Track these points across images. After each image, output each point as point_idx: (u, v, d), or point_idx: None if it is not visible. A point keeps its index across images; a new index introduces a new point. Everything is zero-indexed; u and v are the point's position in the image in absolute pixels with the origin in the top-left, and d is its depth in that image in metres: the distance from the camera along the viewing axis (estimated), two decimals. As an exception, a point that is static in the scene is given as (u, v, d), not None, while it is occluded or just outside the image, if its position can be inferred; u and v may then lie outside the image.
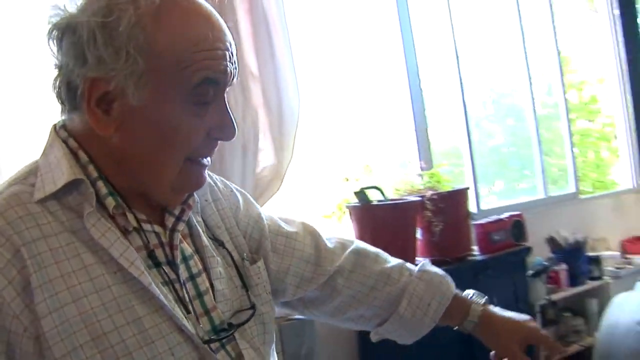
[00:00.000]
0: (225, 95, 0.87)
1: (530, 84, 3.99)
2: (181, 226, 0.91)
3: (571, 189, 4.09)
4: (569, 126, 4.21)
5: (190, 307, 0.87)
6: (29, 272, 0.75)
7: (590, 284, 3.53)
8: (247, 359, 0.91)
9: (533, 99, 3.99)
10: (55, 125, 0.88)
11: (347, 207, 2.70)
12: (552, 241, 3.59)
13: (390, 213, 2.68)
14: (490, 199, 4.00)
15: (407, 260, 2.70)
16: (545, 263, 3.31)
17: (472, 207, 3.16)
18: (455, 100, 3.62)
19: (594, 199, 4.18)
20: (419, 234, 2.80)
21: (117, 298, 0.79)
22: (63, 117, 0.88)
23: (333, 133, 3.24)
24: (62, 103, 0.86)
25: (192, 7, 0.82)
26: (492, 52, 4.13)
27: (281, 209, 2.73)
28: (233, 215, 1.04)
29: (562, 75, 4.23)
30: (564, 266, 3.42)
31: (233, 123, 0.87)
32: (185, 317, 0.84)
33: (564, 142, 4.21)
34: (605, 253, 3.79)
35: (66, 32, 0.80)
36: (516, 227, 3.15)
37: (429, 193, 2.81)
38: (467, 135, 3.59)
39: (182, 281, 0.87)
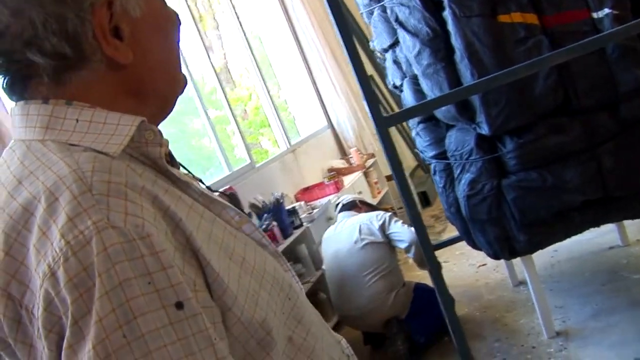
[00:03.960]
0: None
1: (193, 80, 4.24)
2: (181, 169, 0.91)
3: (247, 161, 4.52)
4: (231, 109, 4.62)
5: None
6: (176, 219, 0.67)
7: (295, 233, 4.00)
8: None
9: (200, 95, 4.26)
10: (33, 102, 0.72)
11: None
12: (253, 207, 3.96)
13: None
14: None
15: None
16: (263, 224, 3.65)
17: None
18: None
19: (266, 164, 4.69)
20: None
21: (226, 227, 0.76)
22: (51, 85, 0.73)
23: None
24: (56, 67, 0.70)
25: None
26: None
27: None
28: None
29: (219, 72, 4.58)
30: (274, 223, 3.81)
31: None
32: None
33: (231, 123, 4.61)
34: (295, 204, 4.32)
35: None
36: (232, 199, 3.40)
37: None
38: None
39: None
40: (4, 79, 0.73)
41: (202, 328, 0.63)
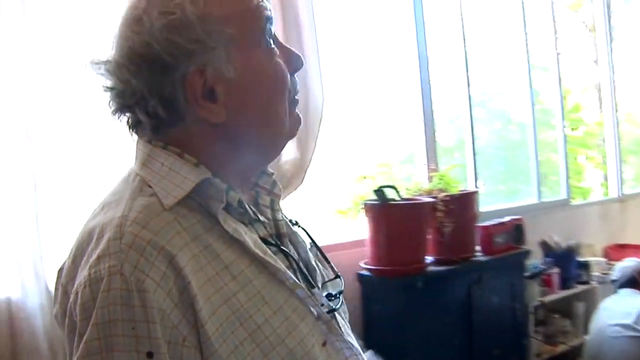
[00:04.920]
0: None
1: (532, 90, 4.11)
2: (280, 215, 0.97)
3: (563, 195, 4.25)
4: (564, 133, 4.36)
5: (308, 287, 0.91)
6: (186, 281, 0.76)
7: (578, 288, 3.69)
8: (339, 322, 0.95)
9: (533, 104, 4.13)
10: (142, 139, 0.87)
11: (365, 204, 2.78)
12: (544, 245, 3.75)
13: (406, 212, 2.77)
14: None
15: (417, 260, 2.83)
16: (542, 266, 3.45)
17: (475, 209, 3.27)
18: (459, 99, 3.74)
19: (583, 206, 4.35)
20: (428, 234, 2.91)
21: (260, 290, 0.82)
22: (153, 134, 0.87)
23: (347, 129, 3.32)
24: (157, 124, 0.84)
25: None
26: (486, 53, 4.23)
27: (300, 203, 2.82)
28: None
29: (560, 81, 4.36)
30: (556, 270, 3.57)
31: (297, 52, 0.92)
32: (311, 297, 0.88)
33: (558, 148, 4.37)
34: (592, 259, 3.96)
35: (136, 62, 0.81)
36: (517, 230, 3.28)
37: (441, 195, 2.90)
38: (471, 137, 3.71)
39: (294, 268, 0.91)
40: (127, 120, 0.88)
41: None
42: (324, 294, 0.94)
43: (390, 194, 2.79)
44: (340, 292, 0.98)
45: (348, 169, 3.17)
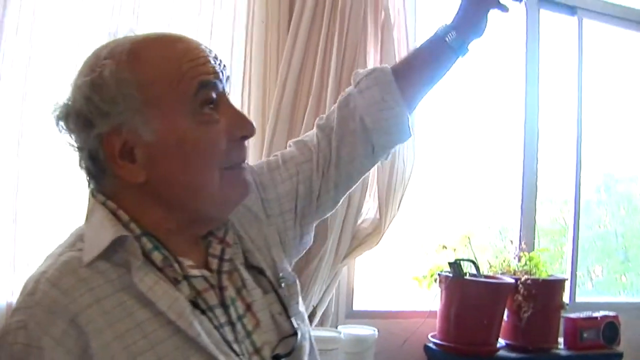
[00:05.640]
0: (228, 97, 0.91)
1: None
2: (226, 266, 0.94)
3: None
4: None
5: (243, 348, 0.89)
6: (87, 339, 0.77)
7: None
8: None
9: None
10: (92, 191, 0.92)
11: (439, 275, 2.70)
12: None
13: (481, 290, 2.65)
14: (587, 288, 3.88)
15: (489, 341, 2.69)
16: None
17: (566, 298, 3.06)
18: (567, 180, 3.54)
19: None
20: (505, 316, 2.76)
21: (173, 351, 0.81)
22: (94, 186, 0.92)
23: (435, 195, 3.25)
24: (92, 176, 0.90)
25: (162, 36, 0.90)
26: (614, 135, 4.00)
27: (374, 265, 2.78)
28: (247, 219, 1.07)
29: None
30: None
31: (247, 117, 0.91)
32: None
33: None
34: None
35: (69, 114, 0.86)
36: (609, 329, 3.01)
37: (524, 277, 2.75)
38: (574, 220, 3.50)
39: (233, 322, 0.90)
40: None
41: None
42: (274, 353, 0.92)
43: (467, 268, 2.69)
44: (290, 353, 0.94)
45: (433, 235, 3.09)
